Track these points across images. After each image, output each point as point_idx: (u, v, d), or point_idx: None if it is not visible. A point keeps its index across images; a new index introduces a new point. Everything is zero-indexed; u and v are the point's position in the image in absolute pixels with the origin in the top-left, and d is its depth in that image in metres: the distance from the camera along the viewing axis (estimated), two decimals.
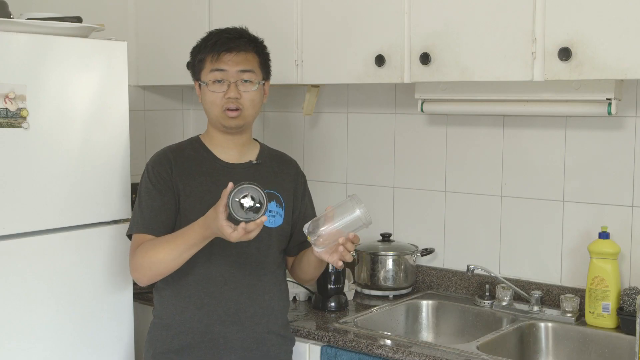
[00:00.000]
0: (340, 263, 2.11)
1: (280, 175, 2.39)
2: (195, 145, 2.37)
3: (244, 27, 2.37)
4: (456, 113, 2.81)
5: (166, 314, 2.31)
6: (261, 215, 1.97)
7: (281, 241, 2.35)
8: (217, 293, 2.26)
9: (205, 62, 2.30)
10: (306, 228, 2.11)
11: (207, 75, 2.29)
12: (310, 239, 2.11)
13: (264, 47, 2.38)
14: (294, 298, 2.84)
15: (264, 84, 2.34)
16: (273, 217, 2.32)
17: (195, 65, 2.34)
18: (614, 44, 2.15)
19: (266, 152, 2.43)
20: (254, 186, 1.97)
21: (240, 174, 2.30)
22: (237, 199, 1.96)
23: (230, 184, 1.97)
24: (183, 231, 2.15)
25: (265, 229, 2.28)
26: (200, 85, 2.33)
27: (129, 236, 2.31)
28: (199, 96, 2.36)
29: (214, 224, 2.00)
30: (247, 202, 1.96)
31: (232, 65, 2.27)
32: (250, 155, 2.38)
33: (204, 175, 2.29)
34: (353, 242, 2.10)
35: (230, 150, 2.35)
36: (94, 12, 2.99)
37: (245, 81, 2.28)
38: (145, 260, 2.19)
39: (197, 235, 2.09)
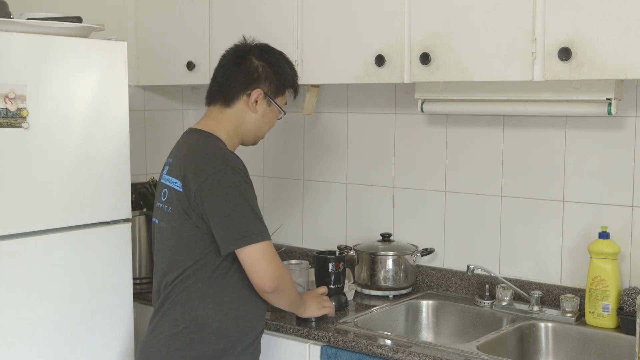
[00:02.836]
0: None
1: None
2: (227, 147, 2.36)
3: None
4: (456, 113, 2.81)
5: (223, 320, 2.28)
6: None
7: None
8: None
9: (286, 92, 2.43)
10: None
11: (283, 106, 2.43)
12: None
13: None
14: None
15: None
16: None
17: (279, 86, 2.39)
18: (614, 44, 2.15)
19: None
20: None
21: None
22: None
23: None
24: (300, 298, 2.45)
25: None
26: (270, 103, 2.38)
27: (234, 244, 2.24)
28: (254, 106, 2.35)
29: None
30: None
31: None
32: None
33: None
34: None
35: None
36: (94, 12, 2.99)
37: None
38: (289, 286, 2.34)
39: (299, 309, 2.49)
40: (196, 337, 2.23)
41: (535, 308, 2.63)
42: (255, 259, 2.20)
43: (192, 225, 2.22)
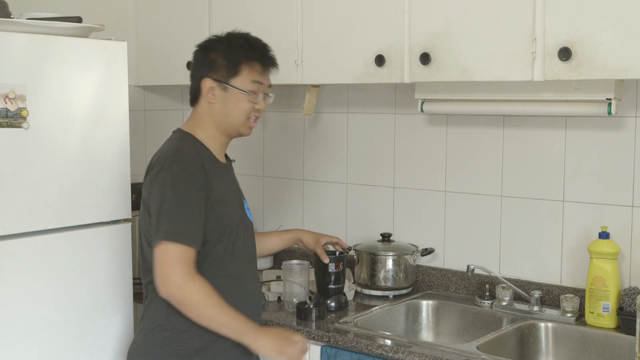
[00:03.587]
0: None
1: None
2: (201, 146, 2.29)
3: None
4: (456, 113, 2.81)
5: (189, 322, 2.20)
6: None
7: None
8: (250, 292, 2.31)
9: (244, 70, 2.26)
10: None
11: (246, 84, 2.26)
12: None
13: None
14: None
15: None
16: (249, 210, 2.40)
17: (230, 66, 2.26)
18: (614, 44, 2.15)
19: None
20: None
21: (230, 174, 2.37)
22: None
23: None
24: (239, 324, 2.15)
25: (250, 224, 2.37)
26: (226, 88, 2.26)
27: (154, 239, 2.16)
28: (211, 97, 2.26)
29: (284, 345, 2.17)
30: None
31: (267, 80, 2.32)
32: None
33: (220, 177, 2.28)
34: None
35: (222, 152, 2.35)
36: (94, 12, 2.99)
37: (267, 95, 2.34)
38: (200, 304, 2.13)
39: (243, 337, 2.15)
40: (169, 335, 2.22)
41: (535, 308, 2.63)
42: (159, 256, 2.10)
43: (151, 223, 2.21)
